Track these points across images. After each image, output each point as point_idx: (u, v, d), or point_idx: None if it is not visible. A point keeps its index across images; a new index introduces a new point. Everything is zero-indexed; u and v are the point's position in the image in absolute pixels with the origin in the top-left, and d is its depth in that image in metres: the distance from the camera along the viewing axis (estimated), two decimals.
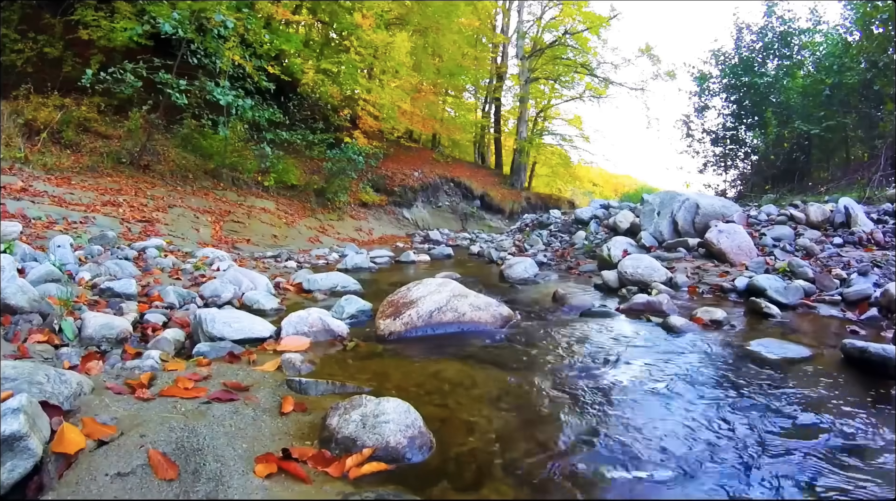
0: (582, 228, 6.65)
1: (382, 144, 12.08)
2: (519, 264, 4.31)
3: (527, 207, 16.23)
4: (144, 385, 1.43)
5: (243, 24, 8.20)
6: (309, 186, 10.36)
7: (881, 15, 8.70)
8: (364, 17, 11.28)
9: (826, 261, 3.60)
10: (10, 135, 6.46)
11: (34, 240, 3.89)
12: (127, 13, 8.02)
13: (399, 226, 12.28)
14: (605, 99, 18.90)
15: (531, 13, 18.89)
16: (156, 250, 4.33)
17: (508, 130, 20.36)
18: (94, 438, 1.09)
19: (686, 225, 4.75)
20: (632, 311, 2.82)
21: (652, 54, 17.71)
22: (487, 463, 1.21)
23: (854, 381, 1.76)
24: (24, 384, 1.18)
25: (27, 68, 7.75)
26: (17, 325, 1.94)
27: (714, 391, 1.68)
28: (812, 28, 11.30)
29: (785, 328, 2.49)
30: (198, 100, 7.81)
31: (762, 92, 11.46)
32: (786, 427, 1.41)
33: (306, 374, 1.75)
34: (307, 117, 10.96)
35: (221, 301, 2.91)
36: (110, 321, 2.12)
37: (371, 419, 1.24)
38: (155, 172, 7.84)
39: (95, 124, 7.84)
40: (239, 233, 7.21)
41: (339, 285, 3.63)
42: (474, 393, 1.65)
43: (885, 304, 2.60)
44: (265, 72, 8.79)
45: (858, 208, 4.54)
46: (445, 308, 2.42)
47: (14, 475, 0.94)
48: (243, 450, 1.16)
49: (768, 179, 10.74)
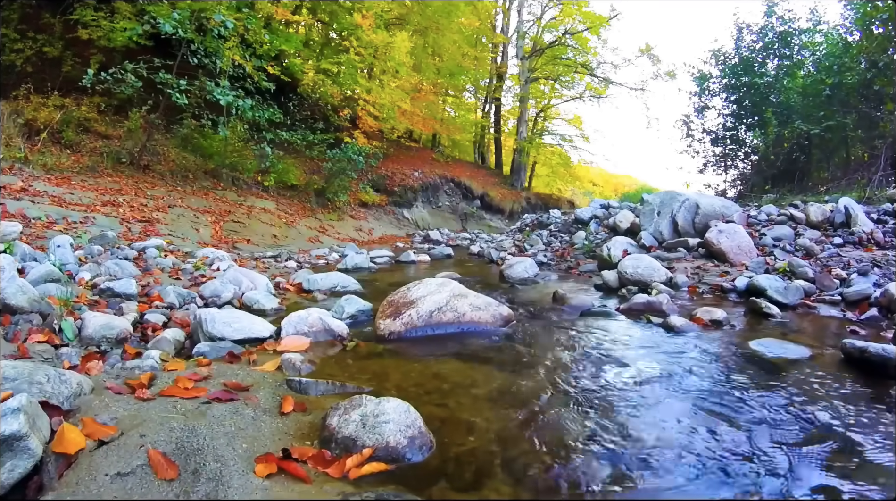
0: (582, 228, 6.65)
1: (382, 144, 12.08)
2: (519, 264, 4.31)
3: (527, 207, 16.25)
4: (144, 385, 1.43)
5: (243, 24, 8.20)
6: (309, 187, 10.36)
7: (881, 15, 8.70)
8: (364, 17, 11.28)
9: (826, 261, 3.60)
10: (10, 135, 6.46)
11: (34, 240, 3.88)
12: (127, 13, 8.02)
13: (399, 226, 12.28)
14: (605, 99, 18.95)
15: (531, 13, 18.94)
16: (156, 250, 4.33)
17: (508, 130, 20.36)
18: (94, 438, 1.09)
19: (686, 225, 4.75)
20: (632, 311, 2.82)
21: (652, 54, 17.75)
22: (487, 463, 1.21)
23: (854, 381, 1.76)
24: (24, 384, 1.18)
25: (27, 68, 7.75)
26: (17, 325, 1.94)
27: (714, 391, 1.68)
28: (812, 28, 11.30)
29: (785, 328, 2.49)
30: (198, 100, 7.80)
31: (762, 92, 11.46)
32: (786, 427, 1.41)
33: (306, 374, 1.75)
34: (307, 117, 10.95)
35: (221, 301, 2.91)
36: (110, 320, 2.12)
37: (371, 420, 1.24)
38: (155, 173, 7.84)
39: (95, 124, 7.84)
40: (239, 233, 7.21)
41: (339, 285, 3.63)
42: (474, 393, 1.65)
43: (885, 304, 2.61)
44: (265, 72, 8.79)
45: (858, 208, 4.53)
46: (445, 308, 2.42)
47: (14, 475, 0.94)
48: (243, 450, 1.16)
49: (768, 179, 10.73)
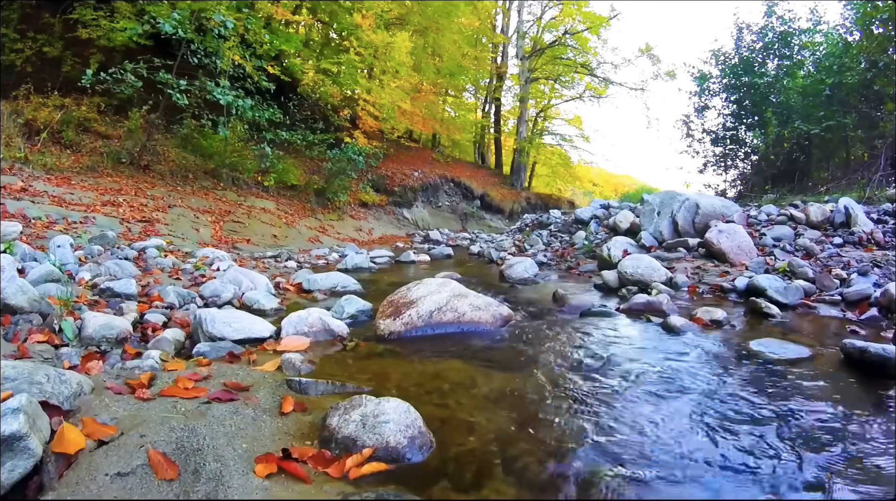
0: (582, 228, 6.65)
1: (382, 144, 12.07)
2: (519, 264, 4.31)
3: (527, 207, 16.25)
4: (144, 385, 1.43)
5: (243, 24, 8.20)
6: (309, 187, 10.36)
7: (881, 15, 8.70)
8: (364, 17, 11.28)
9: (826, 261, 3.60)
10: (10, 135, 6.46)
11: (34, 240, 3.88)
12: (127, 13, 8.02)
13: (399, 226, 12.28)
14: (605, 99, 18.96)
15: (531, 13, 18.94)
16: (156, 250, 4.33)
17: (508, 130, 20.36)
18: (94, 438, 1.09)
19: (686, 225, 4.75)
20: (632, 311, 2.82)
21: (652, 54, 17.76)
22: (487, 463, 1.21)
23: (854, 381, 1.76)
24: (24, 384, 1.18)
25: (27, 68, 7.75)
26: (17, 325, 1.94)
27: (714, 391, 1.68)
28: (812, 28, 11.31)
29: (785, 328, 2.49)
30: (198, 100, 7.80)
31: (762, 92, 11.46)
32: (786, 428, 1.41)
33: (306, 374, 1.75)
34: (307, 117, 10.95)
35: (221, 301, 2.91)
36: (110, 320, 2.12)
37: (371, 419, 1.24)
38: (155, 173, 7.84)
39: (95, 124, 7.84)
40: (239, 233, 7.21)
41: (339, 285, 3.63)
42: (474, 393, 1.65)
43: (885, 304, 2.60)
44: (265, 72, 8.79)
45: (858, 207, 4.53)
46: (445, 308, 2.42)
47: (14, 475, 0.94)
48: (243, 450, 1.16)
49: (768, 179, 10.73)
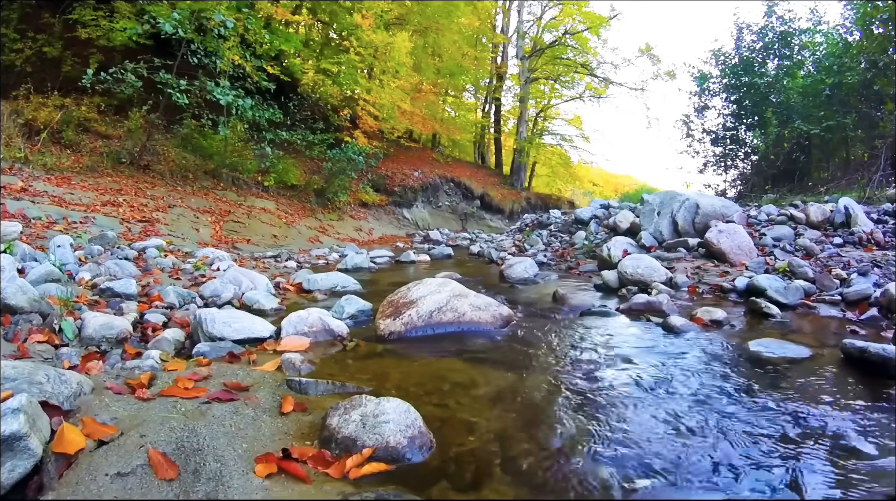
0: (582, 228, 6.64)
1: (382, 144, 12.08)
2: (519, 264, 4.30)
3: (527, 207, 16.24)
4: (144, 385, 1.43)
5: (243, 24, 8.21)
6: (309, 187, 10.36)
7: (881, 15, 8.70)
8: (364, 17, 11.28)
9: (826, 261, 3.60)
10: (10, 135, 6.46)
11: (34, 240, 3.88)
12: (126, 13, 8.02)
13: (399, 226, 12.28)
14: (605, 99, 18.95)
15: (531, 13, 18.94)
16: (156, 250, 4.33)
17: (508, 130, 20.36)
18: (94, 438, 1.09)
19: (686, 225, 4.75)
20: (632, 311, 2.81)
21: (652, 54, 17.75)
22: (487, 463, 1.21)
23: (854, 381, 1.76)
24: (24, 384, 1.18)
25: (27, 68, 7.76)
26: (17, 325, 1.94)
27: (714, 391, 1.68)
28: (812, 28, 11.30)
29: (785, 328, 2.49)
30: (198, 100, 7.81)
31: (762, 92, 11.46)
32: (786, 428, 1.41)
33: (306, 374, 1.75)
34: (307, 117, 10.95)
35: (221, 301, 2.92)
36: (110, 320, 2.12)
37: (371, 420, 1.24)
38: (155, 172, 7.84)
39: (95, 124, 7.84)
40: (239, 233, 7.21)
41: (339, 285, 3.63)
42: (474, 393, 1.65)
43: (885, 304, 2.60)
44: (265, 72, 8.79)
45: (858, 208, 4.53)
46: (445, 308, 2.42)
47: (14, 475, 0.94)
48: (243, 450, 1.16)
49: (768, 179, 10.73)
